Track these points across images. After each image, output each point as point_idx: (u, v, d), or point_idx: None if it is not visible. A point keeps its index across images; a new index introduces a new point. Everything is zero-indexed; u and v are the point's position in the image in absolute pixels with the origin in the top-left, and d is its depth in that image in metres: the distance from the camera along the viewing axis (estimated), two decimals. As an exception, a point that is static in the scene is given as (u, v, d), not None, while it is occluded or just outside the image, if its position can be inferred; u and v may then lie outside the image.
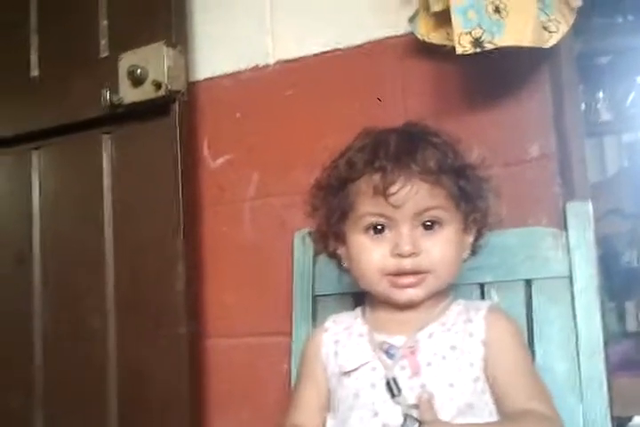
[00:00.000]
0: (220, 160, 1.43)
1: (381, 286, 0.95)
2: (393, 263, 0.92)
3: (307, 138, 1.35)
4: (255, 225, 1.39)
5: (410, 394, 0.89)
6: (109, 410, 1.40)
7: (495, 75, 1.18)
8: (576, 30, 1.13)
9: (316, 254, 1.21)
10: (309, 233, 1.16)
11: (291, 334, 1.22)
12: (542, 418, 0.89)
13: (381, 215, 0.93)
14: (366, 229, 0.95)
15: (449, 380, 0.90)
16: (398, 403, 0.89)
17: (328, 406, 0.99)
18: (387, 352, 0.94)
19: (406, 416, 0.88)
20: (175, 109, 1.38)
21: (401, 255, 0.91)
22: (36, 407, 1.50)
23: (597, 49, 4.06)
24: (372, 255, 0.94)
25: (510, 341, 0.95)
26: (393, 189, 0.90)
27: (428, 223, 0.94)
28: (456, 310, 0.98)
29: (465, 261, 1.01)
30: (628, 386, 2.23)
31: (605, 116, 4.58)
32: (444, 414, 0.88)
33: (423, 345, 0.93)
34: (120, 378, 1.40)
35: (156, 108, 1.39)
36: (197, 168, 1.44)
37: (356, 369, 0.95)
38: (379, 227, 0.94)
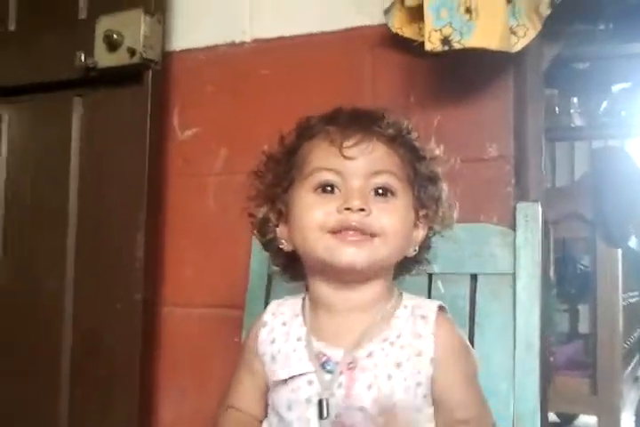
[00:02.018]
0: (189, 132, 1.45)
1: (322, 244, 0.84)
2: (338, 218, 0.84)
3: (276, 118, 1.34)
4: (218, 200, 1.41)
5: (347, 414, 0.84)
6: (62, 370, 1.43)
7: (462, 73, 1.21)
8: (556, 35, 1.16)
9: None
10: (249, 215, 1.02)
11: (244, 308, 1.26)
12: None
13: (333, 170, 0.86)
14: (315, 189, 0.87)
15: (392, 401, 0.84)
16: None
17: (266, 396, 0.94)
18: (323, 366, 0.87)
19: None
20: (148, 78, 1.39)
21: (349, 210, 0.83)
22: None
23: (576, 55, 4.09)
24: (314, 212, 0.85)
25: (460, 360, 0.90)
26: (349, 141, 0.86)
27: (380, 191, 0.87)
28: (403, 316, 0.90)
29: (408, 268, 0.96)
30: (573, 385, 2.32)
31: (578, 121, 4.65)
32: None
33: (364, 364, 0.86)
34: (74, 339, 1.43)
35: (129, 75, 1.40)
36: (165, 138, 1.45)
37: (291, 378, 0.88)
38: (328, 187, 0.86)
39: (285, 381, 0.88)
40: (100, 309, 1.41)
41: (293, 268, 0.96)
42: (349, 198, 0.84)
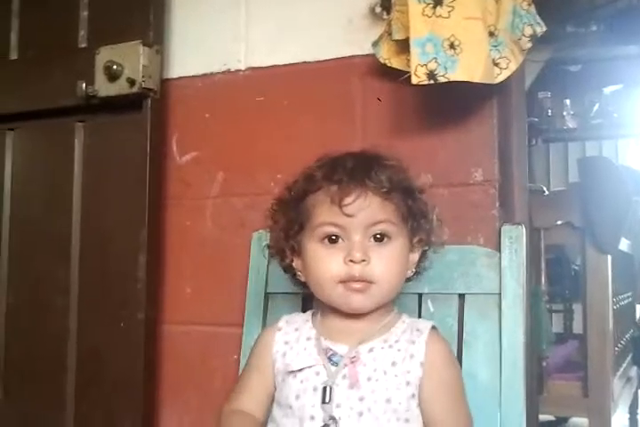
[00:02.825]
0: (187, 157, 1.50)
1: (336, 293, 1.01)
2: (345, 270, 0.99)
3: (271, 143, 1.42)
4: (216, 222, 1.46)
5: (346, 404, 0.98)
6: (66, 387, 1.47)
7: (448, 101, 1.26)
8: (549, 38, 1.20)
9: (271, 255, 1.30)
10: (267, 246, 1.22)
11: (242, 326, 1.32)
12: None
13: (336, 225, 1.01)
14: (322, 239, 1.02)
15: (386, 395, 0.99)
16: (324, 410, 0.98)
17: (273, 397, 1.07)
18: (330, 359, 1.01)
19: (324, 425, 0.97)
20: (147, 105, 1.43)
21: (353, 261, 0.99)
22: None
23: (568, 57, 4.14)
24: (327, 264, 1.01)
25: (446, 371, 1.04)
26: (348, 199, 0.99)
27: (378, 236, 1.02)
28: (401, 327, 1.06)
29: (409, 279, 1.10)
30: (565, 388, 2.38)
31: (571, 123, 4.70)
32: None
33: (364, 358, 1.01)
34: (79, 357, 1.48)
35: (129, 103, 1.44)
36: (165, 163, 1.50)
37: (300, 370, 1.02)
38: (333, 237, 1.01)
39: (295, 373, 1.02)
40: (104, 327, 1.46)
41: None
42: (352, 251, 1.00)
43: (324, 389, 0.99)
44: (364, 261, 0.99)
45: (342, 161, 1.04)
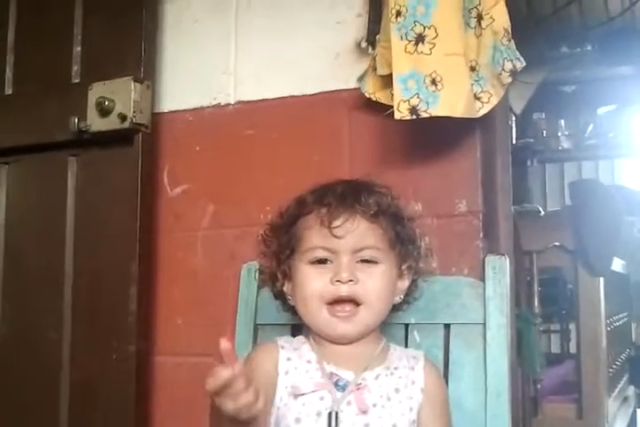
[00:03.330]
0: (178, 190, 1.52)
1: (321, 317, 1.03)
2: (332, 290, 1.02)
3: (261, 175, 1.45)
4: (207, 254, 1.48)
5: None
6: (59, 418, 1.48)
7: (433, 134, 1.28)
8: (543, 59, 1.22)
9: (260, 287, 1.32)
10: (259, 271, 1.26)
11: (232, 357, 1.33)
12: None
13: (325, 248, 1.04)
14: (311, 262, 1.05)
15: (392, 421, 1.01)
16: None
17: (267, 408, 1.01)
18: (336, 384, 1.02)
19: None
20: (138, 140, 1.46)
21: (340, 281, 1.01)
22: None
23: (563, 78, 4.19)
24: (314, 283, 1.04)
25: (441, 396, 1.09)
26: (337, 222, 1.02)
27: (366, 259, 1.05)
28: (395, 354, 1.09)
29: (398, 308, 1.13)
30: (560, 411, 2.39)
31: (565, 143, 4.73)
32: None
33: (370, 385, 1.02)
34: (72, 388, 1.48)
35: (120, 138, 1.47)
36: (156, 196, 1.52)
37: (304, 394, 1.02)
38: (323, 258, 1.04)
39: (296, 396, 1.01)
40: (96, 359, 1.47)
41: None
42: (339, 271, 1.02)
43: (330, 414, 0.99)
44: (351, 281, 1.02)
45: (333, 186, 1.08)
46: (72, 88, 1.54)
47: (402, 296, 1.11)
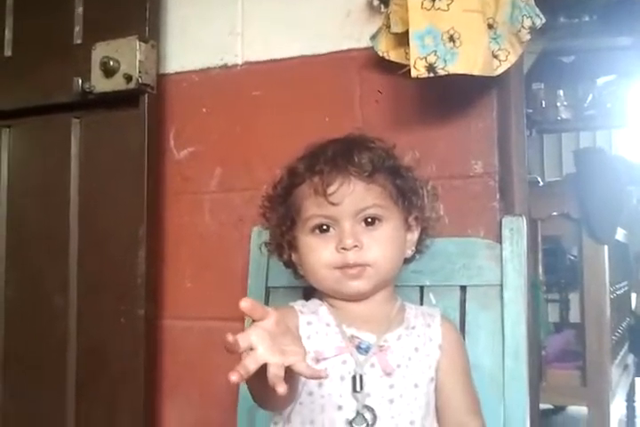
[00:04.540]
0: (185, 152, 1.49)
1: (331, 279, 1.01)
2: (339, 257, 0.99)
3: (269, 138, 1.42)
4: (214, 217, 1.46)
5: (377, 392, 0.97)
6: (67, 383, 1.48)
7: (448, 94, 1.26)
8: (542, 29, 1.20)
9: (269, 252, 1.30)
10: (265, 244, 1.18)
11: (244, 320, 1.32)
12: None
13: (324, 216, 1.00)
14: (313, 230, 1.02)
15: (414, 380, 1.00)
16: (356, 399, 0.97)
17: None
18: (358, 347, 0.99)
19: (358, 414, 0.96)
20: (144, 101, 1.43)
21: (345, 249, 0.98)
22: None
23: (562, 48, 4.14)
24: (320, 253, 1.01)
25: (460, 352, 1.07)
26: (331, 188, 0.98)
27: (369, 219, 1.01)
28: (412, 313, 1.07)
29: (409, 260, 1.09)
30: (564, 377, 2.39)
31: (564, 114, 4.70)
32: (414, 415, 0.98)
33: (393, 346, 1.00)
34: (79, 354, 1.48)
35: (125, 99, 1.44)
36: (162, 158, 1.49)
37: (326, 359, 0.99)
38: (324, 227, 1.01)
39: (318, 360, 0.98)
40: (104, 323, 1.46)
41: None
42: (343, 238, 0.99)
43: (354, 377, 0.97)
44: (356, 246, 0.99)
45: (323, 150, 1.03)
46: (74, 49, 1.51)
47: (413, 249, 1.08)
